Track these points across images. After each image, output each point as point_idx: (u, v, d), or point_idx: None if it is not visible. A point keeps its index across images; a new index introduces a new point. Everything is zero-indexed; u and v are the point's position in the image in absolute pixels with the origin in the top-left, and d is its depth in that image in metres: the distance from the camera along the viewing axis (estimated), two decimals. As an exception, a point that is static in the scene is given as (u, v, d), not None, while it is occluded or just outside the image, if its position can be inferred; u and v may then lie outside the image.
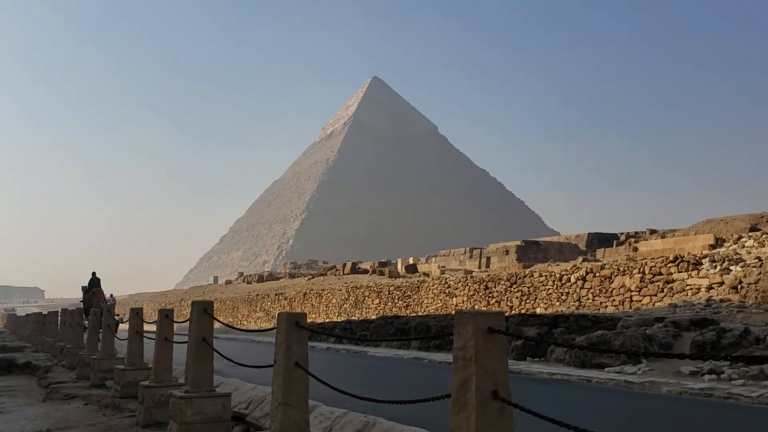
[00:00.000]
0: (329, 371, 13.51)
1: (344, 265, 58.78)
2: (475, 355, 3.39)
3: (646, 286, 20.77)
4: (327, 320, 39.03)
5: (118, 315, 53.68)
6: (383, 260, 63.87)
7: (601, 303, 22.12)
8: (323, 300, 39.91)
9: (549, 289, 24.37)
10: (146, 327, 12.59)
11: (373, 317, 32.32)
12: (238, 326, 35.29)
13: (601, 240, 69.67)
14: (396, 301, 33.11)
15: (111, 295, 37.96)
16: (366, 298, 35.71)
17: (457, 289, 29.03)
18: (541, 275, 24.93)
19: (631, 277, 21.29)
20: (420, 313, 31.06)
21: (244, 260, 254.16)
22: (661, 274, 20.55)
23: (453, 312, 28.65)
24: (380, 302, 34.28)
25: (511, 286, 26.08)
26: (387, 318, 22.31)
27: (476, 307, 27.70)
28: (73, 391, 13.24)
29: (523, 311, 24.93)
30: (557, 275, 24.20)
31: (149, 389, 9.40)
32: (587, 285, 22.94)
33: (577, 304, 22.97)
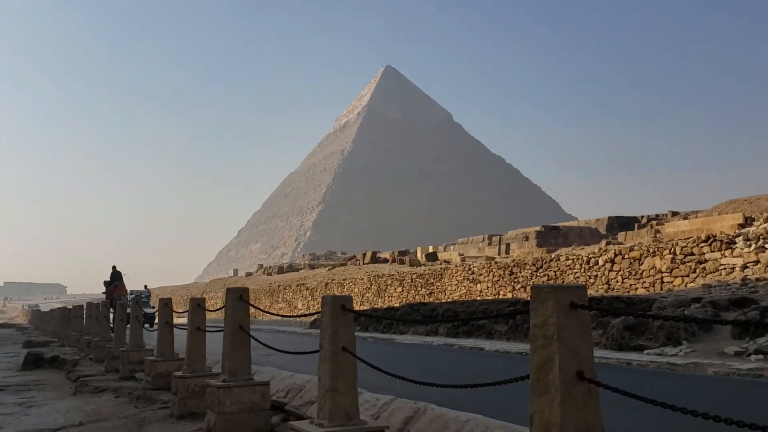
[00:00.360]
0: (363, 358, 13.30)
1: (364, 254, 58.60)
2: (558, 333, 3.10)
3: (678, 267, 20.32)
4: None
5: (153, 307, 53.77)
6: (402, 249, 63.62)
7: (630, 285, 21.71)
8: (345, 289, 39.75)
9: (576, 272, 23.97)
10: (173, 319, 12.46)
11: (397, 305, 32.10)
12: (261, 317, 35.29)
13: (621, 223, 68.93)
14: (419, 288, 32.86)
15: (145, 287, 38.06)
16: (388, 287, 35.49)
17: (481, 275, 28.71)
18: (567, 259, 24.54)
19: (661, 258, 20.85)
20: (444, 300, 30.80)
21: (262, 252, 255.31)
22: (692, 254, 20.09)
23: (477, 298, 28.36)
24: (403, 290, 34.05)
25: (536, 271, 25.71)
26: (413, 305, 22.06)
27: (501, 292, 27.39)
28: (102, 384, 13.12)
29: (549, 296, 24.56)
30: (584, 258, 23.81)
31: (183, 380, 9.20)
32: (615, 267, 22.52)
33: (605, 287, 22.56)
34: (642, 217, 71.36)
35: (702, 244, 19.91)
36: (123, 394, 11.96)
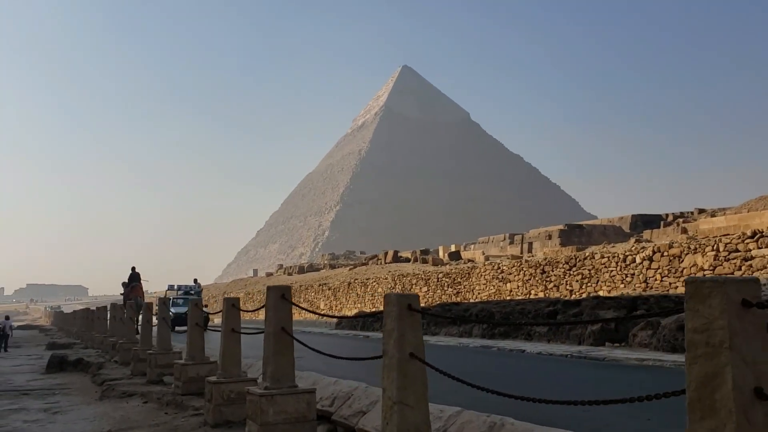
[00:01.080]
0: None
1: (386, 254, 57.98)
2: (729, 340, 2.42)
3: (721, 264, 19.47)
4: (373, 309, 38.28)
5: (206, 306, 52.82)
6: (423, 248, 62.87)
7: (670, 284, 20.88)
8: (368, 289, 39.15)
9: (612, 270, 23.17)
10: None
11: (423, 305, 31.41)
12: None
13: (645, 221, 67.85)
14: (445, 288, 32.17)
15: (196, 281, 35.91)
16: (413, 286, 34.83)
17: (510, 274, 27.96)
18: (603, 257, 23.73)
19: (703, 256, 20.00)
20: (472, 300, 30.08)
21: (280, 253, 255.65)
22: (737, 251, 19.23)
23: (507, 298, 27.61)
24: (428, 290, 33.38)
25: (570, 269, 24.93)
26: (445, 305, 21.38)
27: (533, 292, 26.64)
28: (130, 389, 12.60)
29: (584, 295, 23.79)
30: (620, 256, 22.98)
31: (218, 385, 8.62)
32: (654, 265, 21.68)
33: (643, 285, 21.75)
34: (667, 214, 70.23)
35: (748, 240, 19.05)
36: (152, 400, 11.42)
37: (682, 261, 20.63)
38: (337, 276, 53.51)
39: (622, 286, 22.59)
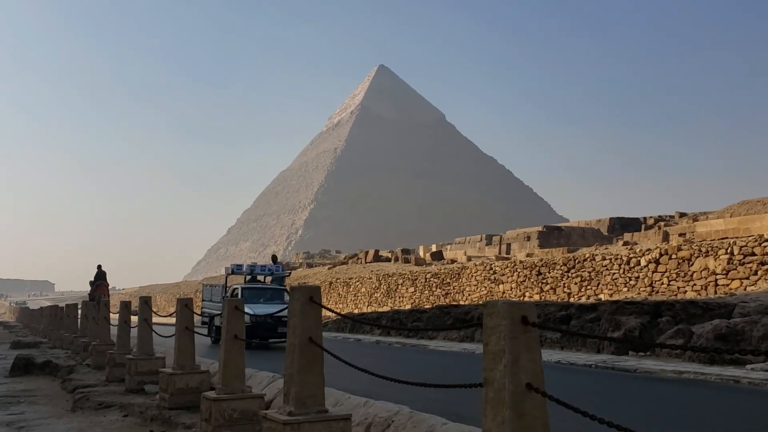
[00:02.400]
0: (415, 372, 11.31)
1: (366, 253, 56.64)
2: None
3: (735, 268, 18.55)
4: (356, 310, 36.97)
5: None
6: (403, 248, 61.72)
7: (678, 288, 19.92)
8: (351, 289, 37.85)
9: (614, 273, 22.17)
10: (161, 320, 10.45)
11: (409, 306, 30.25)
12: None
13: (622, 224, 67.94)
14: (434, 289, 31.01)
15: (275, 258, 26.12)
16: (399, 287, 33.62)
17: (504, 275, 26.87)
18: (604, 258, 22.73)
19: (716, 259, 19.06)
20: (462, 302, 28.97)
21: (252, 251, 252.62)
22: (753, 254, 18.32)
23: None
24: (415, 290, 32.19)
25: (568, 271, 23.90)
26: (443, 307, 20.17)
27: (527, 294, 25.58)
28: (107, 399, 11.14)
29: (583, 298, 22.78)
30: (624, 258, 21.99)
31: (218, 402, 7.27)
32: (660, 268, 20.71)
33: (649, 289, 20.77)
34: (645, 218, 70.48)
35: (765, 244, 18.12)
36: (133, 413, 9.99)
37: (692, 264, 19.68)
38: (316, 275, 52.07)
39: (626, 289, 21.60)
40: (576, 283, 23.46)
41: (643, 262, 21.25)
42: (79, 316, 21.72)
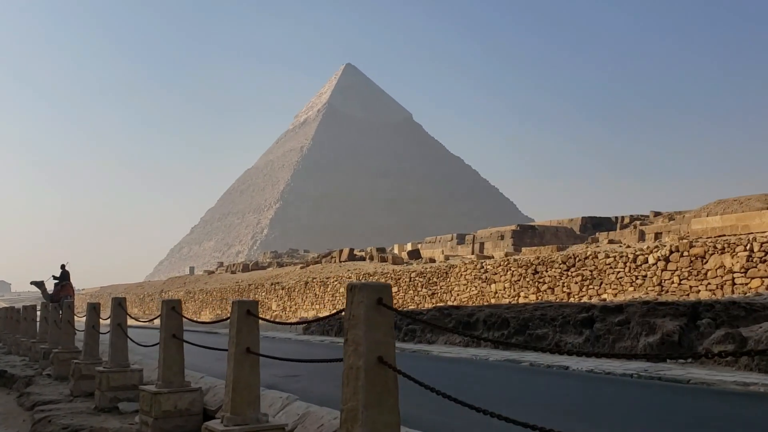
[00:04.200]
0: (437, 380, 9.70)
1: (340, 251, 54.88)
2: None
3: (756, 266, 17.39)
4: (335, 312, 35.32)
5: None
6: (378, 246, 60.22)
7: (690, 287, 18.73)
8: (329, 288, 36.14)
9: (619, 272, 20.90)
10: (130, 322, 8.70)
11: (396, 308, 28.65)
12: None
13: (594, 224, 67.98)
14: (419, 288, 29.49)
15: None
16: (381, 287, 32.00)
17: (496, 274, 25.46)
18: (608, 256, 21.44)
19: (733, 257, 17.88)
20: (450, 302, 27.51)
21: (216, 251, 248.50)
22: (775, 251, 17.21)
23: (492, 300, 25.10)
24: (399, 290, 30.64)
25: (567, 270, 22.57)
26: (442, 309, 18.60)
27: (522, 294, 24.21)
28: (74, 420, 9.31)
29: (584, 298, 21.48)
30: (630, 256, 20.73)
31: (228, 436, 5.58)
32: (671, 266, 19.50)
33: (658, 288, 19.55)
34: (620, 217, 70.55)
35: (789, 240, 17.01)
36: (108, 440, 8.23)
37: (707, 262, 18.49)
38: (289, 275, 50.16)
39: (632, 289, 20.34)
40: (576, 283, 22.15)
41: (651, 260, 20.02)
42: (38, 319, 19.63)
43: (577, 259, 22.44)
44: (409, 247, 57.70)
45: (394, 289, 31.10)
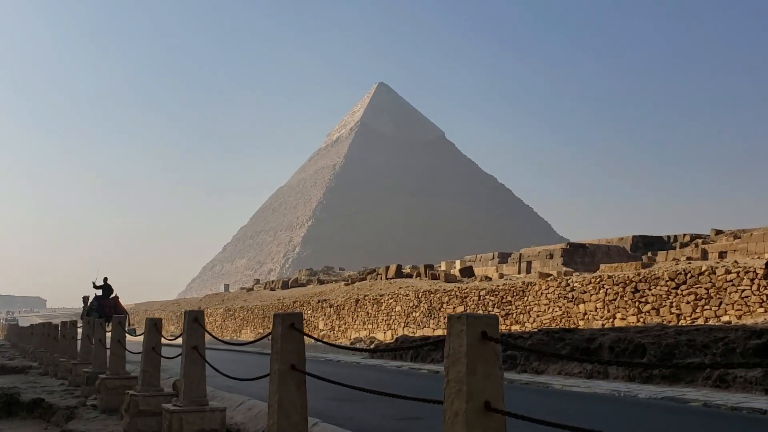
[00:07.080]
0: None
1: (387, 268, 52.31)
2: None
3: None
4: (390, 332, 32.60)
5: (132, 325, 46.20)
6: (427, 264, 57.49)
7: None
8: (383, 307, 33.47)
9: (744, 290, 17.94)
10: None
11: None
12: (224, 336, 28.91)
13: (645, 243, 64.98)
14: (489, 308, 26.69)
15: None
16: (444, 305, 29.27)
17: (585, 292, 22.59)
18: (728, 272, 18.49)
19: None
20: (527, 324, 24.67)
21: (248, 268, 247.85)
22: None
23: (581, 322, 22.24)
24: (465, 309, 27.80)
25: (677, 288, 19.64)
26: (551, 332, 15.78)
27: (618, 316, 21.29)
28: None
29: (700, 320, 18.50)
30: (759, 272, 17.76)
31: None
32: (818, 284, 16.54)
33: (798, 310, 16.54)
34: (682, 235, 67.51)
35: None
36: None
37: None
38: (334, 291, 47.63)
39: (761, 310, 17.35)
40: (689, 303, 19.20)
41: (787, 277, 17.09)
42: (78, 337, 17.28)
43: (689, 275, 19.49)
44: (458, 264, 54.90)
45: (460, 308, 28.39)
